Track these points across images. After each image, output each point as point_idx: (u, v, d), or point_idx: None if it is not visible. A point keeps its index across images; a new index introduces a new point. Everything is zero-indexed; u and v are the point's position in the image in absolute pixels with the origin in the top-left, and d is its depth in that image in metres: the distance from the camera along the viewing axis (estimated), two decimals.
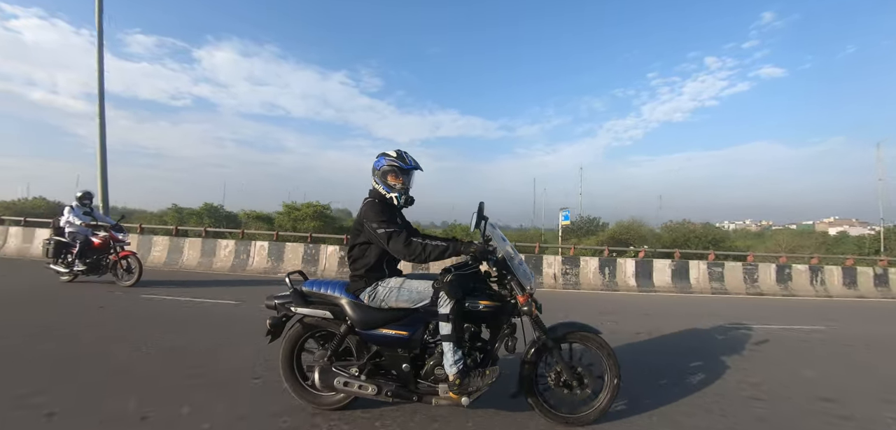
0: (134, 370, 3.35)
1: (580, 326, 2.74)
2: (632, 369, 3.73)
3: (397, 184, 2.70)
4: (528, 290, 2.57)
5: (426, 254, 2.43)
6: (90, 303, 5.81)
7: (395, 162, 2.68)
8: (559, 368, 2.64)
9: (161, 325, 4.75)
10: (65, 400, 2.75)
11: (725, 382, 3.65)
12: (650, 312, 7.30)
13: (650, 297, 9.58)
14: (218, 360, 3.65)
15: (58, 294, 6.35)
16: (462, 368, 2.43)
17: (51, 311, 5.31)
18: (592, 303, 8.17)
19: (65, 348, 3.79)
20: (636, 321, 6.24)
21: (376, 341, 2.60)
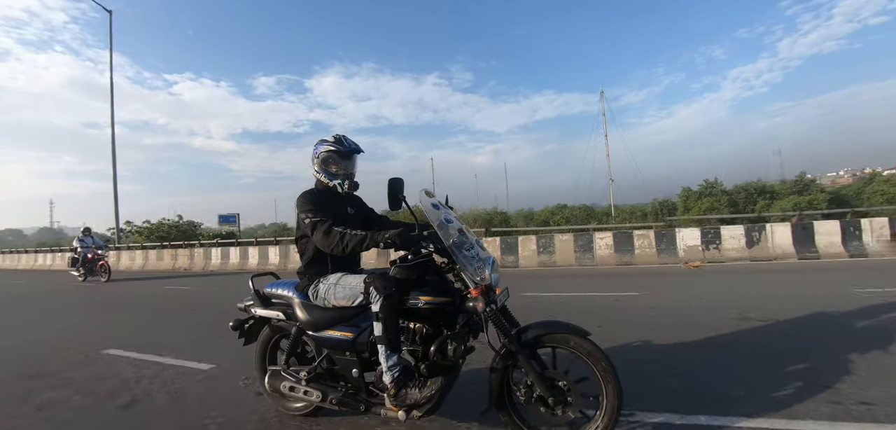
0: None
1: (559, 325, 2.11)
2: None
3: (339, 170, 2.49)
4: (480, 281, 2.07)
5: (343, 244, 2.13)
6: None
7: (333, 147, 2.46)
8: (530, 380, 2.06)
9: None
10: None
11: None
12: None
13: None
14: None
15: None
16: (398, 376, 2.06)
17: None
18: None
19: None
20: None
21: (324, 344, 2.38)
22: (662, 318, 4.79)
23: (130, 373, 3.74)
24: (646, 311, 5.24)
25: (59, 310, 8.01)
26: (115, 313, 7.31)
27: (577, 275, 9.46)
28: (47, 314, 7.52)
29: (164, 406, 2.97)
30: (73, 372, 3.85)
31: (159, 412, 2.89)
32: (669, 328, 4.26)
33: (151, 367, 3.89)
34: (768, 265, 9.04)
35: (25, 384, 3.61)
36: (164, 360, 4.08)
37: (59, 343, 5.05)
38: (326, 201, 2.37)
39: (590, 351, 2.01)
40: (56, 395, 3.30)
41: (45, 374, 3.84)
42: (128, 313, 7.20)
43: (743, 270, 8.65)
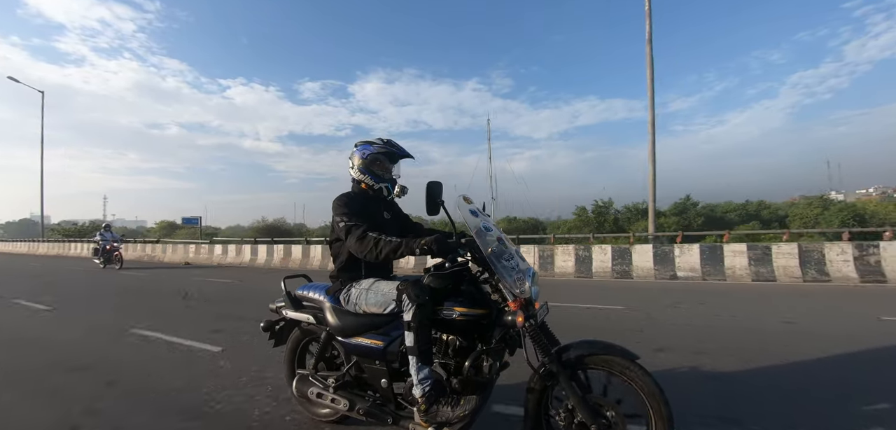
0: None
1: (604, 345, 1.94)
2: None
3: (386, 173, 2.42)
4: (519, 294, 1.94)
5: (378, 250, 2.04)
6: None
7: (384, 149, 2.39)
8: (570, 404, 1.91)
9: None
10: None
11: None
12: None
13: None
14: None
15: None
16: (429, 390, 1.96)
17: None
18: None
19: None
20: None
21: (354, 351, 2.31)
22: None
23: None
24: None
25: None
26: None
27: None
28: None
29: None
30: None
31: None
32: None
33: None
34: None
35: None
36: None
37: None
38: (363, 205, 2.30)
39: (638, 377, 1.84)
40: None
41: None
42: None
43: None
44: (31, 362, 4.05)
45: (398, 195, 2.47)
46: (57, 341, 4.89)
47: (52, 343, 4.78)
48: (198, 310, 6.78)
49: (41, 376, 3.62)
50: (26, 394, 3.23)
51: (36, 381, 3.49)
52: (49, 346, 4.64)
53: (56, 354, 4.28)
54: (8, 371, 3.78)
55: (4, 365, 3.99)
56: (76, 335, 5.13)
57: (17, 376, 3.65)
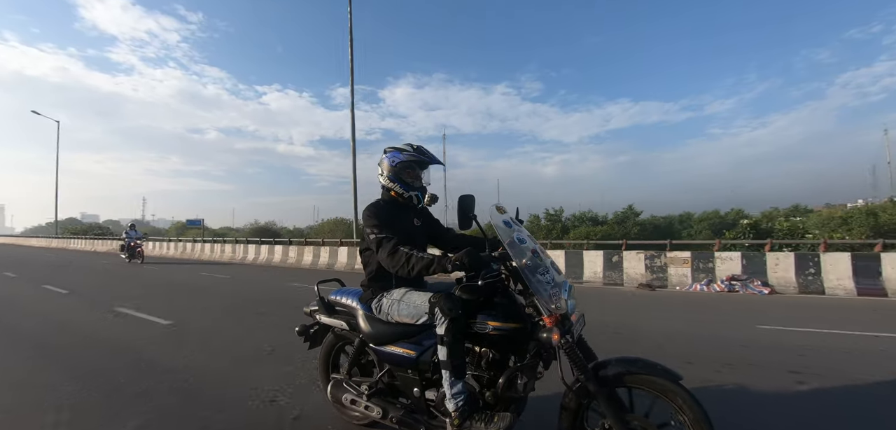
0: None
1: (645, 364, 1.87)
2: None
3: (416, 181, 2.39)
4: (554, 310, 1.89)
5: (410, 266, 2.02)
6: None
7: (414, 156, 2.37)
8: (608, 424, 1.85)
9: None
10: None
11: None
12: None
13: None
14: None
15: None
16: (462, 405, 1.95)
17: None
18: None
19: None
20: None
21: (386, 359, 2.33)
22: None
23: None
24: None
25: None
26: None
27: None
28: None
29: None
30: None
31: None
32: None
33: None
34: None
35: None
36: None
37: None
38: (393, 215, 2.29)
39: (681, 397, 1.76)
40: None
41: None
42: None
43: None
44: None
45: (428, 204, 2.45)
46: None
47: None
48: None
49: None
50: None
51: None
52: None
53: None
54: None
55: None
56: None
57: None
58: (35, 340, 5.03)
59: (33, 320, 6.11)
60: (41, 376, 3.70)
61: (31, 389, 3.39)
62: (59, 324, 5.86)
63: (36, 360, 4.22)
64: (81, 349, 4.60)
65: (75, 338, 5.09)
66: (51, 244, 35.94)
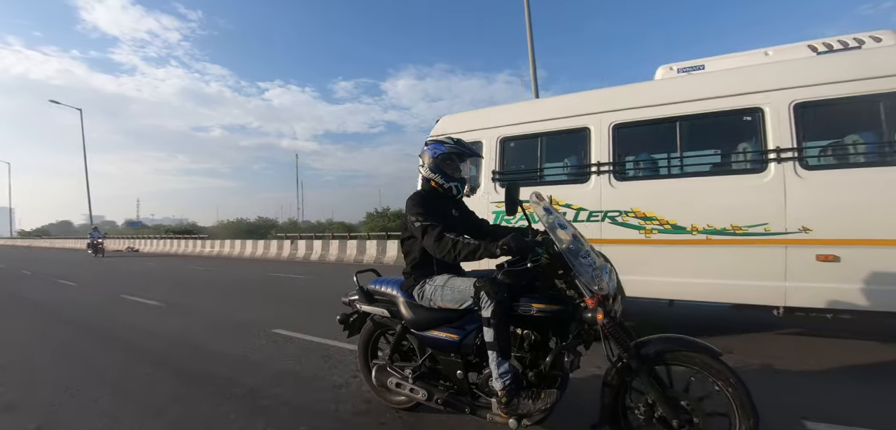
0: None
1: (686, 342, 1.95)
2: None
3: (456, 173, 2.48)
4: (596, 291, 1.98)
5: (456, 251, 2.11)
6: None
7: (454, 148, 2.46)
8: (651, 399, 1.94)
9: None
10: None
11: None
12: None
13: None
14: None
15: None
16: (509, 384, 2.04)
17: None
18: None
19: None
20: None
21: (429, 344, 2.42)
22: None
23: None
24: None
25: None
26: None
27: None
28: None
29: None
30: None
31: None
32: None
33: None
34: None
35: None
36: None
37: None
38: (435, 204, 2.38)
39: (721, 372, 1.85)
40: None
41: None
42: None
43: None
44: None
45: (467, 195, 2.53)
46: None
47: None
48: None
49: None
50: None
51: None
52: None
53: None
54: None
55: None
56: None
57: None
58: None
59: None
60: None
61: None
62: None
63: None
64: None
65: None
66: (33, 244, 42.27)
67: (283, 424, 2.63)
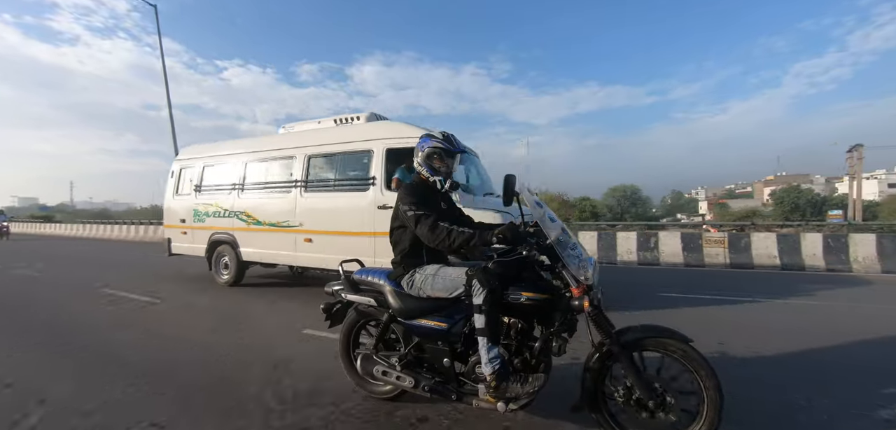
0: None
1: (660, 329, 2.12)
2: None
3: (442, 167, 2.53)
4: (582, 281, 2.10)
5: (451, 240, 2.18)
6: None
7: (440, 144, 2.51)
8: (629, 381, 2.09)
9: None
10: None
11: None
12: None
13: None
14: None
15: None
16: (499, 368, 2.11)
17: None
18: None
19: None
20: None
21: (416, 332, 2.46)
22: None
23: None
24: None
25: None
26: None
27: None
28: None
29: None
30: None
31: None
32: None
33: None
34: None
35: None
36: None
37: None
38: (426, 196, 2.43)
39: (692, 358, 2.02)
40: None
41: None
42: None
43: None
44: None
45: (449, 190, 2.59)
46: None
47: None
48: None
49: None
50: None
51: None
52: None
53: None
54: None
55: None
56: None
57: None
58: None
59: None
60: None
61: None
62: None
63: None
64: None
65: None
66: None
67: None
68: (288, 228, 6.19)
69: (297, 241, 6.12)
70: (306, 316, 4.90)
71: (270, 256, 6.49)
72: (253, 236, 6.58)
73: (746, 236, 10.21)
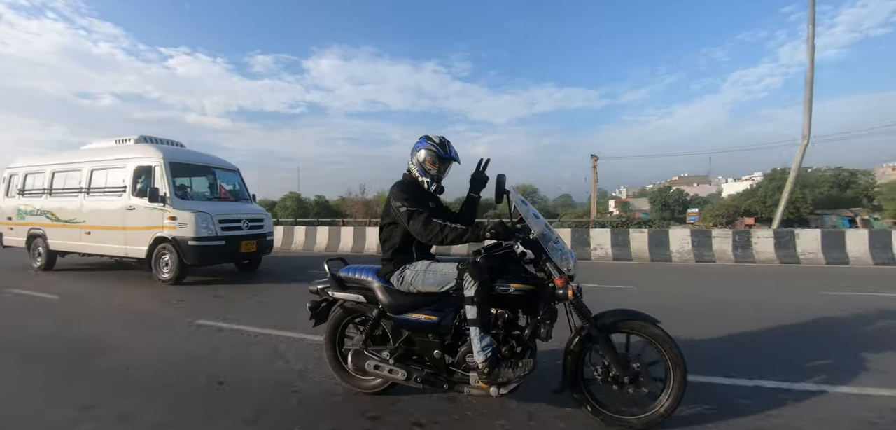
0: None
1: (633, 313, 2.37)
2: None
3: (433, 170, 2.62)
4: (565, 272, 2.30)
5: (444, 235, 2.30)
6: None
7: (435, 148, 2.60)
8: (607, 361, 2.31)
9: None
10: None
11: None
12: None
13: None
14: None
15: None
16: (491, 356, 2.26)
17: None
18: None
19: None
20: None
21: (407, 326, 2.54)
22: None
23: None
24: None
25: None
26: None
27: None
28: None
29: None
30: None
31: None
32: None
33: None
34: None
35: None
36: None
37: None
38: (417, 193, 2.52)
39: (661, 337, 2.28)
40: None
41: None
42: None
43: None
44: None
45: (436, 192, 2.69)
46: None
47: None
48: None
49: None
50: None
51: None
52: None
53: None
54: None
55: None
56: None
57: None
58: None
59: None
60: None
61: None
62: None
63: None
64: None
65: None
66: None
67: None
68: (76, 224, 7.95)
69: (82, 234, 7.88)
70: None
71: (68, 246, 8.14)
72: (57, 230, 8.24)
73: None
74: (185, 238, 6.85)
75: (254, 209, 8.23)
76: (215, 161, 8.66)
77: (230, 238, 7.34)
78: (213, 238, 7.06)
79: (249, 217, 7.82)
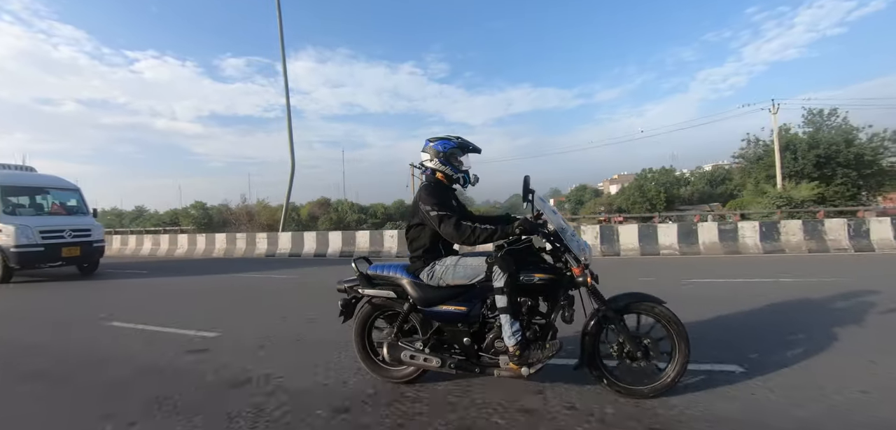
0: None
1: (642, 296, 2.65)
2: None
3: (460, 165, 2.84)
4: (583, 261, 2.56)
5: (475, 237, 2.52)
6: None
7: (462, 142, 2.82)
8: (621, 339, 2.59)
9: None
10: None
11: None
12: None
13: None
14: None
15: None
16: (521, 339, 2.49)
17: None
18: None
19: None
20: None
21: (437, 318, 2.74)
22: None
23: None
24: None
25: None
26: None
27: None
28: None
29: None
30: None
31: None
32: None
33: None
34: None
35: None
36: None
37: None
38: (444, 196, 2.72)
39: (667, 316, 2.57)
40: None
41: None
42: None
43: None
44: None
45: (473, 184, 2.89)
46: None
47: None
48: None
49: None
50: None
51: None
52: None
53: None
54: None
55: None
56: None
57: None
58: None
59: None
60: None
61: None
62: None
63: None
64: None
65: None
66: None
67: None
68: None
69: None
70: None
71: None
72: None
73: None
74: (8, 246, 8.80)
75: (83, 221, 10.02)
76: (54, 182, 10.61)
77: (50, 245, 9.13)
78: (32, 245, 8.93)
79: (73, 228, 9.59)
